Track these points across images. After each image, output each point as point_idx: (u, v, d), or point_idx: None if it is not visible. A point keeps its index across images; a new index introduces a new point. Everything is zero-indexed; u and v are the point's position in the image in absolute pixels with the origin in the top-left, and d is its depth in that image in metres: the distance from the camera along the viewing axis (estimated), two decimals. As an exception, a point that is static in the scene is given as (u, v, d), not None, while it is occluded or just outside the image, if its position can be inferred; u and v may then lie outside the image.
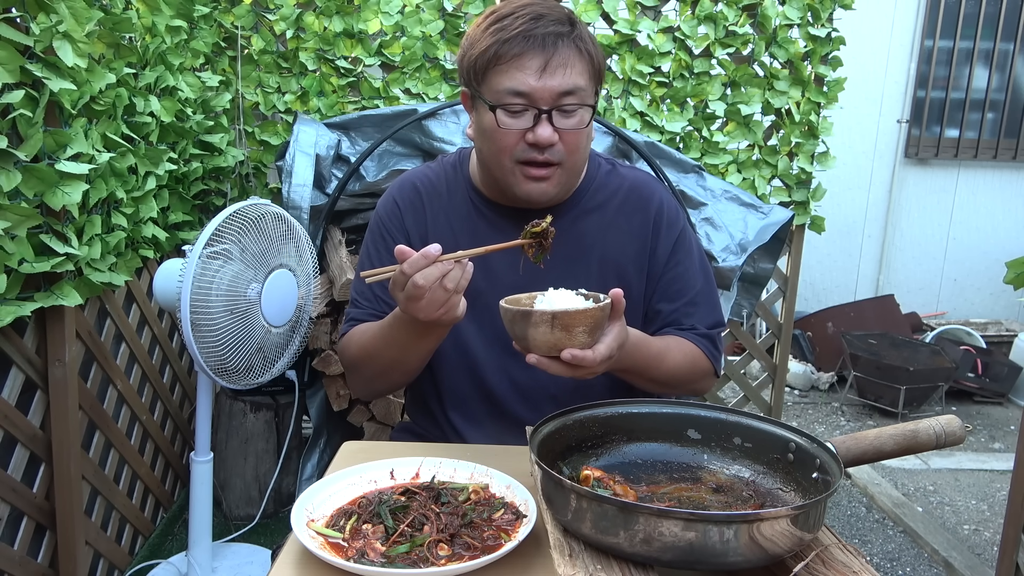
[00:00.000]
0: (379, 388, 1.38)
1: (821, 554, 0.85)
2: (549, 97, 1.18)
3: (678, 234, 1.38)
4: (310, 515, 0.94)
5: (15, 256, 1.48)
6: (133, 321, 2.20)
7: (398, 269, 1.06)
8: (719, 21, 2.61)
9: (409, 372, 1.30)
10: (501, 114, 1.20)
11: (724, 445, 1.05)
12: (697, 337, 1.35)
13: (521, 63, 1.18)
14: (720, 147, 2.70)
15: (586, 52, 1.21)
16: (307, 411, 2.48)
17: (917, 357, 3.97)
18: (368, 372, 1.31)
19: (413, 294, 1.05)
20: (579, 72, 1.20)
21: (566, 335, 0.99)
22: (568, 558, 0.83)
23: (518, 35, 1.17)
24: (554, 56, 1.17)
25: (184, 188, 2.32)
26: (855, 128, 4.63)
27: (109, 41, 1.80)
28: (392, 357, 1.25)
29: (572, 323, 0.99)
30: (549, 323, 0.99)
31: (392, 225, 1.38)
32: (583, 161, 1.30)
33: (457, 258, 1.07)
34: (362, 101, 2.63)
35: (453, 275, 1.06)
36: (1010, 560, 1.94)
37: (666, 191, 1.43)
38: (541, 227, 1.12)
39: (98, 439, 2.00)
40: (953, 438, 0.93)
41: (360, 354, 1.30)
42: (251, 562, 2.31)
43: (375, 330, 1.27)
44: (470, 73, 1.24)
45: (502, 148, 1.22)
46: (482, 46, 1.20)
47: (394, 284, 1.08)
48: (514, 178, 1.24)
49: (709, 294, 1.40)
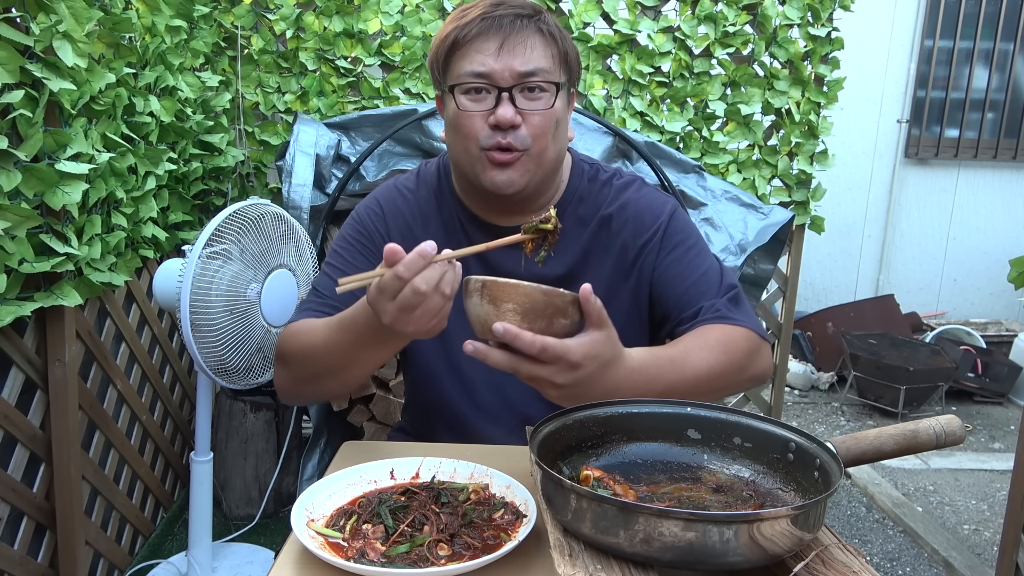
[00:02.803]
0: (307, 392, 1.22)
1: (821, 554, 0.85)
2: (509, 76, 1.13)
3: (665, 228, 1.28)
4: (310, 515, 0.93)
5: (15, 256, 1.48)
6: (133, 321, 2.20)
7: (390, 273, 0.90)
8: (719, 21, 2.61)
9: (347, 384, 1.18)
10: (461, 96, 1.15)
11: (724, 445, 1.05)
12: (714, 314, 1.19)
13: (479, 44, 1.14)
14: (720, 147, 2.70)
15: (549, 35, 1.17)
16: (307, 411, 2.48)
17: (917, 357, 3.97)
18: (301, 373, 1.18)
19: (410, 302, 0.91)
20: (541, 54, 1.15)
21: (494, 310, 0.88)
22: (568, 558, 0.82)
23: (476, 18, 1.15)
24: (512, 35, 1.14)
25: (184, 188, 2.32)
26: (855, 128, 4.63)
27: (109, 41, 1.80)
28: (332, 363, 1.11)
29: (500, 296, 0.88)
30: (479, 292, 0.89)
31: (373, 227, 1.28)
32: (553, 151, 1.19)
33: (448, 258, 0.94)
34: (362, 101, 2.63)
35: (448, 278, 0.93)
36: (1010, 560, 1.94)
37: (649, 190, 1.32)
38: (552, 222, 0.99)
39: (98, 439, 2.00)
40: (953, 438, 0.93)
41: (297, 350, 1.16)
42: (251, 562, 2.31)
43: (320, 328, 1.12)
44: (435, 66, 1.21)
45: (467, 135, 1.16)
46: (443, 35, 1.18)
47: (381, 291, 0.92)
48: (480, 165, 1.17)
49: (713, 269, 1.27)
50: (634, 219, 1.28)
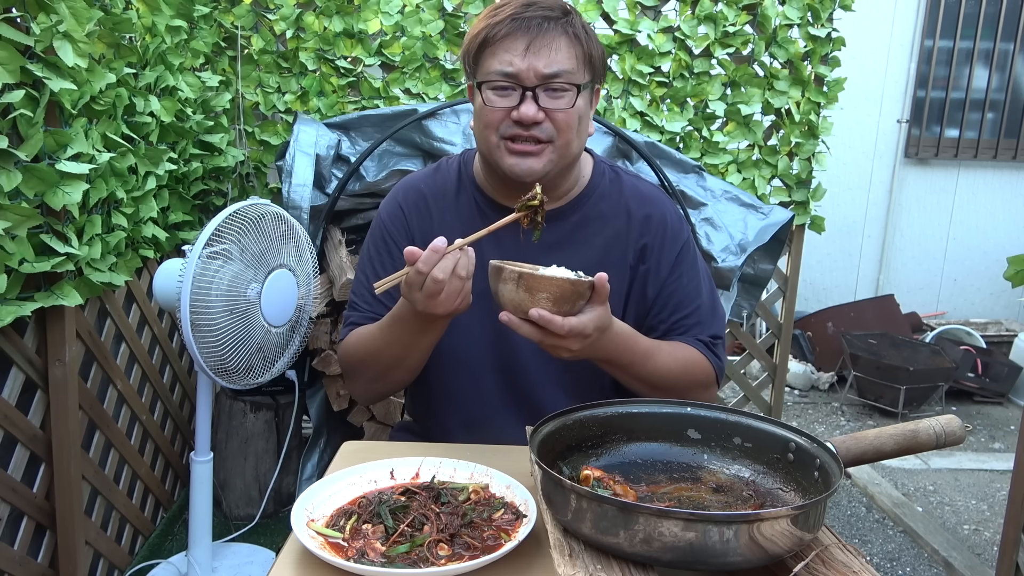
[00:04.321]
0: (381, 389, 1.38)
1: (821, 554, 0.85)
2: (534, 76, 1.20)
3: (681, 247, 1.37)
4: (310, 515, 0.94)
5: (15, 256, 1.48)
6: (133, 321, 2.20)
7: (412, 269, 1.08)
8: (719, 21, 2.61)
9: (411, 369, 1.30)
10: (488, 92, 1.23)
11: (724, 445, 1.05)
12: (697, 342, 1.35)
13: (508, 44, 1.20)
14: (720, 147, 2.70)
15: (575, 37, 1.22)
16: (307, 411, 2.48)
17: (917, 357, 3.97)
18: (370, 373, 1.32)
19: (433, 290, 1.07)
20: (567, 56, 1.21)
21: (529, 297, 1.05)
22: (568, 558, 0.83)
23: (507, 18, 1.20)
24: (539, 37, 1.19)
25: (184, 188, 2.32)
26: (855, 128, 4.63)
27: (109, 41, 1.80)
28: (394, 356, 1.26)
29: (536, 287, 1.04)
30: (515, 282, 1.05)
31: (396, 229, 1.38)
32: (576, 145, 1.28)
33: (459, 247, 1.10)
34: (362, 101, 2.63)
35: (463, 263, 1.10)
36: (1010, 560, 1.94)
37: (671, 204, 1.42)
38: (538, 198, 1.13)
39: (98, 439, 2.00)
40: (953, 438, 0.93)
41: (361, 356, 1.31)
42: (251, 562, 2.31)
43: (374, 331, 1.28)
44: (466, 59, 1.28)
45: (488, 124, 1.24)
46: (475, 31, 1.24)
47: (410, 285, 1.10)
48: (499, 153, 1.25)
49: (711, 309, 1.40)
50: (658, 230, 1.37)
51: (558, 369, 1.34)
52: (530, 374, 1.34)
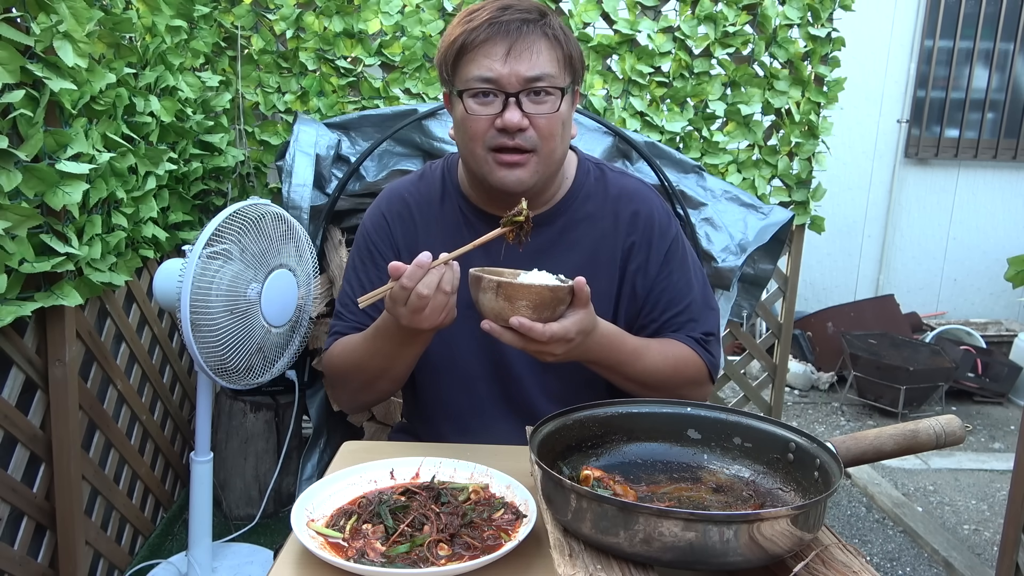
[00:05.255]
0: (365, 399, 1.37)
1: (821, 554, 0.85)
2: (516, 82, 1.18)
3: (669, 244, 1.35)
4: (310, 515, 0.94)
5: (15, 256, 1.48)
6: (133, 321, 2.20)
7: (397, 284, 1.07)
8: (719, 21, 2.61)
9: (397, 380, 1.30)
10: (470, 101, 1.20)
11: (724, 445, 1.05)
12: (688, 338, 1.33)
13: (487, 50, 1.18)
14: (720, 147, 2.70)
15: (555, 39, 1.20)
16: (307, 411, 2.48)
17: (917, 357, 3.97)
18: (355, 384, 1.31)
19: (418, 305, 1.07)
20: (547, 59, 1.19)
21: (509, 305, 1.04)
22: (568, 558, 0.83)
23: (484, 23, 1.18)
24: (519, 41, 1.17)
25: (184, 188, 2.32)
26: (855, 128, 4.63)
27: (109, 41, 1.80)
28: (379, 367, 1.25)
29: (515, 295, 1.04)
30: (494, 291, 1.05)
31: (380, 240, 1.37)
32: (561, 151, 1.26)
33: (444, 261, 1.09)
34: (362, 101, 2.63)
35: (447, 277, 1.09)
36: (1010, 560, 1.94)
37: (658, 199, 1.40)
38: (524, 214, 1.12)
39: (98, 439, 2.00)
40: (953, 438, 0.93)
41: (346, 367, 1.30)
42: (251, 562, 2.31)
43: (359, 342, 1.27)
44: (443, 67, 1.25)
45: (473, 136, 1.21)
46: (451, 38, 1.21)
47: (394, 300, 1.09)
48: (488, 166, 1.23)
49: (703, 305, 1.38)
50: (645, 227, 1.35)
51: (550, 376, 1.33)
52: (523, 381, 1.33)
